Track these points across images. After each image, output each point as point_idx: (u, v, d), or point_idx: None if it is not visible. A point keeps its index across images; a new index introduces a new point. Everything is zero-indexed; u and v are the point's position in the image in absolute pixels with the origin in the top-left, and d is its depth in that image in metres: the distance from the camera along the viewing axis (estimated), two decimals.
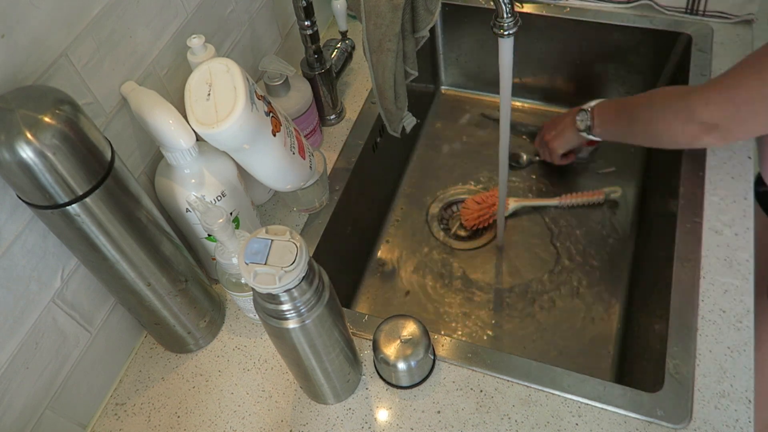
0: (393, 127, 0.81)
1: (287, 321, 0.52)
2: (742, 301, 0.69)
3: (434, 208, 1.06)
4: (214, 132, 0.58)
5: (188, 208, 0.66)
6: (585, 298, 0.92)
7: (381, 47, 0.70)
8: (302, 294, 0.51)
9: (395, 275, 0.98)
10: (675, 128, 0.75)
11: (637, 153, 1.08)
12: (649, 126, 0.78)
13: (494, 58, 0.70)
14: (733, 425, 0.61)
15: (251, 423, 0.66)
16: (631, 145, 1.08)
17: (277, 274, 0.47)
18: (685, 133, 0.73)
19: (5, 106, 0.46)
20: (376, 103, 0.80)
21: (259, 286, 0.47)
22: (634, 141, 0.84)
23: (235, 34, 0.81)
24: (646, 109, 0.79)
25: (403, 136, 0.83)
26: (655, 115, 0.77)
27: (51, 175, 0.47)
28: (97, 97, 0.61)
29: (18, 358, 0.58)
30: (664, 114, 0.76)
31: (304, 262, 0.48)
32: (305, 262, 0.48)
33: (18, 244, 0.55)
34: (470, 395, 0.66)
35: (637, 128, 0.81)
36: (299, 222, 0.83)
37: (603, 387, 0.65)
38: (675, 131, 0.75)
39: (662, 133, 0.77)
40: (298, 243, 0.48)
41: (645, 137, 0.81)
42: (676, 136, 0.75)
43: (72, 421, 0.66)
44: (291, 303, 0.51)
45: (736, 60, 0.94)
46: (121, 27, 0.62)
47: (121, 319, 0.70)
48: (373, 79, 0.75)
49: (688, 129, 0.73)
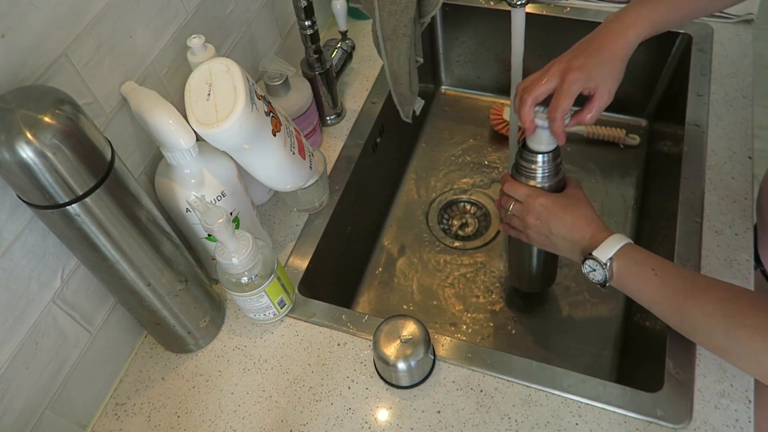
0: (406, 112, 0.83)
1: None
2: None
3: (434, 207, 1.06)
4: (214, 132, 0.58)
5: (188, 208, 0.66)
6: (585, 297, 0.92)
7: (396, 33, 0.71)
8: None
9: (395, 275, 0.98)
10: (753, 368, 0.57)
11: (636, 153, 1.08)
12: (710, 339, 0.58)
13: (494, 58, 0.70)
14: (733, 425, 0.61)
15: (251, 423, 0.66)
16: (629, 145, 1.08)
17: None
18: (766, 376, 0.56)
19: (5, 106, 0.46)
20: (376, 103, 0.80)
21: None
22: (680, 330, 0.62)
23: (235, 34, 0.81)
24: (711, 313, 0.57)
25: (403, 135, 0.84)
26: (723, 332, 0.56)
27: (51, 175, 0.47)
28: (97, 97, 0.61)
29: (18, 358, 0.58)
30: (740, 344, 0.55)
31: None
32: None
33: (18, 244, 0.55)
34: (470, 395, 0.66)
35: (685, 324, 0.60)
36: (299, 222, 0.83)
37: (603, 387, 0.65)
38: (752, 368, 0.57)
39: (725, 354, 0.58)
40: None
41: (695, 336, 0.61)
42: (750, 369, 0.58)
43: (72, 421, 0.66)
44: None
45: (736, 60, 0.95)
46: (121, 27, 0.62)
47: (121, 319, 0.70)
48: (387, 67, 0.76)
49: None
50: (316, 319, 0.73)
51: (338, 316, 0.73)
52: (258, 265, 0.65)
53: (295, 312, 0.74)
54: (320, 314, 0.73)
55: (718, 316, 0.56)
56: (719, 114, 0.88)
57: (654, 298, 0.62)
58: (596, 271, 0.64)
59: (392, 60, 0.74)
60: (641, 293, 0.63)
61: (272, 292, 0.68)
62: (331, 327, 0.72)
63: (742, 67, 0.94)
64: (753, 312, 0.55)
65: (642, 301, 0.63)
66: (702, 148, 0.84)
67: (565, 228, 0.67)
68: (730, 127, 0.86)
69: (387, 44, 0.73)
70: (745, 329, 0.55)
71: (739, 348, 0.56)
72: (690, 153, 0.84)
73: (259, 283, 0.66)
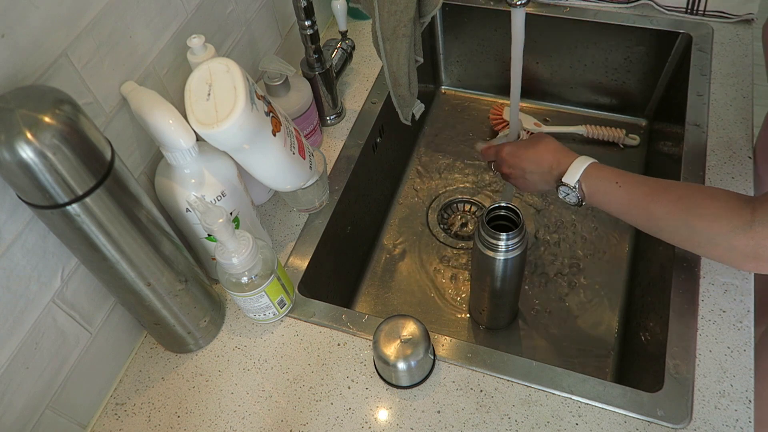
0: (405, 114, 0.83)
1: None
2: (742, 301, 0.69)
3: (434, 207, 1.06)
4: (214, 132, 0.58)
5: (188, 208, 0.66)
6: (585, 298, 0.92)
7: (395, 34, 0.71)
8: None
9: (395, 275, 0.98)
10: (712, 252, 0.61)
11: (636, 153, 1.08)
12: (674, 234, 0.63)
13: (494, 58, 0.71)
14: (733, 425, 0.61)
15: (251, 423, 0.66)
16: (629, 145, 1.08)
17: None
18: (724, 258, 0.60)
19: (5, 106, 0.46)
20: (376, 103, 0.80)
21: None
22: (647, 230, 0.67)
23: (235, 34, 0.81)
24: (672, 210, 0.62)
25: (403, 135, 0.84)
26: (683, 224, 0.61)
27: (51, 175, 0.47)
28: (97, 97, 0.61)
29: (18, 358, 0.58)
30: (699, 232, 0.60)
31: None
32: None
33: (18, 244, 0.55)
34: (470, 395, 0.66)
35: (652, 224, 0.65)
36: (299, 222, 0.83)
37: (603, 387, 0.65)
38: (712, 252, 0.61)
39: (688, 244, 0.63)
40: None
41: (662, 234, 0.65)
42: (710, 254, 0.62)
43: (72, 420, 0.66)
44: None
45: (736, 60, 0.95)
46: (121, 27, 0.62)
47: (121, 319, 0.70)
48: (387, 68, 0.76)
49: (730, 256, 0.59)
50: (316, 319, 0.73)
51: (338, 316, 0.73)
52: (258, 265, 0.65)
53: (295, 312, 0.74)
54: (320, 314, 0.73)
55: (679, 211, 0.62)
56: (719, 114, 0.88)
57: (622, 208, 0.67)
58: (569, 195, 0.71)
59: (391, 61, 0.74)
60: (611, 205, 0.68)
61: (272, 292, 0.68)
62: (331, 327, 0.72)
63: (742, 67, 0.94)
64: (708, 202, 0.60)
65: (612, 212, 0.69)
66: (702, 148, 0.84)
67: (532, 163, 0.74)
68: (730, 127, 0.86)
69: (386, 44, 0.73)
70: (702, 219, 0.60)
71: (699, 236, 0.61)
72: (690, 153, 0.84)
73: (259, 283, 0.66)
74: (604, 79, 1.11)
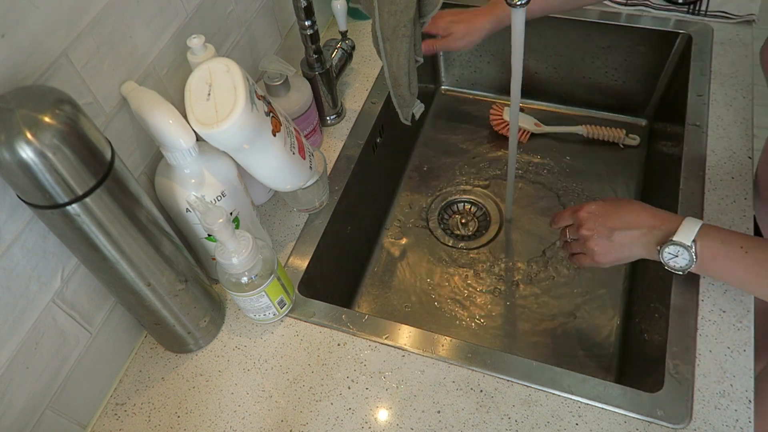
0: (405, 114, 0.83)
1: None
2: (742, 301, 0.69)
3: (434, 207, 1.06)
4: (214, 132, 0.58)
5: (188, 208, 0.66)
6: (585, 298, 0.92)
7: (395, 34, 0.71)
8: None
9: (395, 275, 0.98)
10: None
11: (636, 153, 1.08)
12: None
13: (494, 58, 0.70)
14: (733, 425, 0.61)
15: (251, 423, 0.66)
16: (629, 145, 1.08)
17: None
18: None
19: (5, 106, 0.46)
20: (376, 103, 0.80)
21: None
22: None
23: (235, 34, 0.81)
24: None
25: (403, 135, 0.83)
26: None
27: (51, 175, 0.47)
28: (97, 97, 0.61)
29: (18, 358, 0.58)
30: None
31: None
32: None
33: (18, 244, 0.55)
34: (470, 395, 0.66)
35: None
36: (299, 222, 0.83)
37: (603, 387, 0.65)
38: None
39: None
40: None
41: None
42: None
43: (72, 421, 0.66)
44: None
45: (736, 60, 0.95)
46: (121, 27, 0.62)
47: (121, 319, 0.70)
48: (387, 68, 0.76)
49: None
50: (316, 319, 0.73)
51: (338, 316, 0.73)
52: (258, 265, 0.65)
53: (295, 312, 0.74)
54: (320, 314, 0.73)
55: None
56: (719, 114, 0.88)
57: (749, 277, 0.59)
58: (678, 256, 0.61)
59: (391, 61, 0.74)
60: (734, 273, 0.60)
61: (272, 292, 0.68)
62: (331, 327, 0.72)
63: (742, 67, 0.94)
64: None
65: (732, 281, 0.61)
66: (702, 148, 0.84)
67: (625, 223, 0.65)
68: (730, 127, 0.86)
69: (386, 44, 0.73)
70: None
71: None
72: (690, 153, 0.84)
73: (259, 283, 0.66)
74: (604, 79, 1.11)
